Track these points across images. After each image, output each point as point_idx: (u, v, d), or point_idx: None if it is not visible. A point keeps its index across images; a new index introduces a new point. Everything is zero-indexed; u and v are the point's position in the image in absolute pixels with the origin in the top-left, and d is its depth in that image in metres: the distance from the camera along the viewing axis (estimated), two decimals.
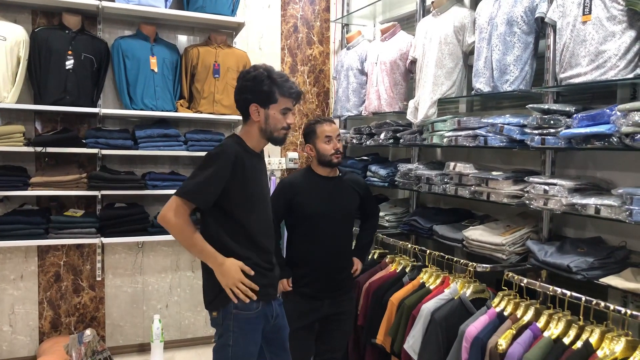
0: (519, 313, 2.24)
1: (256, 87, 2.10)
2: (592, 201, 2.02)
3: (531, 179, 2.30)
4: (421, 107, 2.97)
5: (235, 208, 2.11)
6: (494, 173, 2.52)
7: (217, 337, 2.16)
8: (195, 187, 2.04)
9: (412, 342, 2.49)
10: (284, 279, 2.68)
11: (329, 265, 2.70)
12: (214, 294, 2.14)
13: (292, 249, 2.79)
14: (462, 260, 2.60)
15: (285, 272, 2.69)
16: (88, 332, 3.44)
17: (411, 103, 3.09)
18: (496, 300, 2.38)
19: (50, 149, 3.39)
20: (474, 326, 2.23)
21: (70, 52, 3.43)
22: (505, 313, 2.28)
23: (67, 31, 3.48)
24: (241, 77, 2.15)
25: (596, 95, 2.40)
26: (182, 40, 3.99)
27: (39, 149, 3.35)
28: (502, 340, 2.09)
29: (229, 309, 2.11)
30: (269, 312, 2.21)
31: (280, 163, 4.31)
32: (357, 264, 2.90)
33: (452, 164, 2.76)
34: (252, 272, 2.11)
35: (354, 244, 2.96)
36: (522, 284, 2.27)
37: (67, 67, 3.42)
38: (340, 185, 2.78)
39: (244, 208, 2.12)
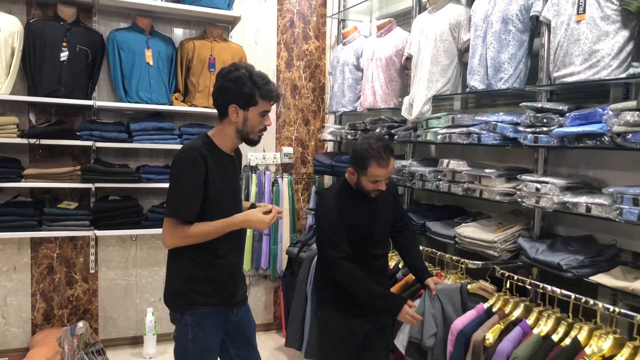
0: (507, 309, 2.26)
1: (238, 89, 2.02)
2: (583, 200, 2.03)
3: (523, 177, 2.31)
4: (416, 103, 2.97)
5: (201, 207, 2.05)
6: (487, 170, 2.53)
7: (176, 332, 2.12)
8: (180, 203, 2.02)
9: (402, 337, 2.50)
10: (402, 306, 2.30)
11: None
12: (173, 294, 2.11)
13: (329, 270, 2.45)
14: (454, 257, 2.62)
15: (400, 299, 2.36)
16: (81, 324, 3.43)
17: (406, 99, 3.09)
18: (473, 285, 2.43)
19: (44, 141, 3.38)
20: (460, 320, 2.25)
21: (65, 44, 3.42)
22: (494, 309, 2.29)
23: (62, 23, 3.47)
24: (222, 76, 2.05)
25: (589, 94, 2.41)
26: (178, 33, 3.98)
27: (32, 140, 3.34)
28: (489, 335, 2.10)
29: (186, 305, 2.08)
30: (229, 310, 2.17)
31: (275, 158, 4.31)
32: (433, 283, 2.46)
33: (445, 161, 2.77)
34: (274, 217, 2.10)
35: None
36: (512, 281, 2.28)
37: (61, 59, 3.41)
38: (378, 196, 2.42)
39: (209, 207, 2.05)
